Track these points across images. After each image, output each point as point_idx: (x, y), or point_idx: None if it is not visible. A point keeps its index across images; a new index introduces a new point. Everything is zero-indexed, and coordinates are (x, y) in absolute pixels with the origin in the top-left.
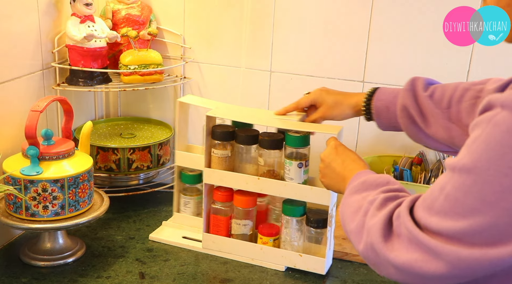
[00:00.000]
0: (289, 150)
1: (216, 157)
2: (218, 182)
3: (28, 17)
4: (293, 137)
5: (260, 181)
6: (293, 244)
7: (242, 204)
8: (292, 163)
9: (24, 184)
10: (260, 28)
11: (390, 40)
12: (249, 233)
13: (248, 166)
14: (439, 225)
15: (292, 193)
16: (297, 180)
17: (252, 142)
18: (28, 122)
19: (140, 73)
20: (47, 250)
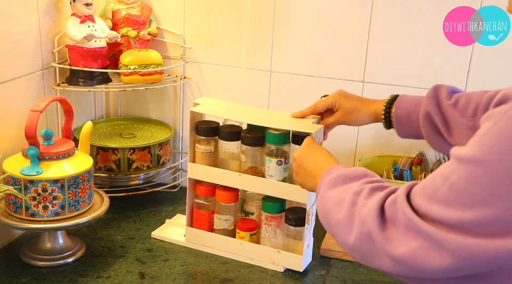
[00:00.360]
0: (269, 147)
1: (199, 152)
2: (201, 177)
3: (28, 17)
4: (272, 134)
5: (241, 177)
6: (271, 240)
7: (224, 199)
8: (272, 160)
9: (24, 184)
10: (260, 28)
11: (390, 40)
12: (230, 228)
13: (232, 162)
14: (441, 213)
15: (272, 190)
16: (277, 177)
17: (235, 138)
18: (28, 122)
19: (140, 73)
20: (47, 250)
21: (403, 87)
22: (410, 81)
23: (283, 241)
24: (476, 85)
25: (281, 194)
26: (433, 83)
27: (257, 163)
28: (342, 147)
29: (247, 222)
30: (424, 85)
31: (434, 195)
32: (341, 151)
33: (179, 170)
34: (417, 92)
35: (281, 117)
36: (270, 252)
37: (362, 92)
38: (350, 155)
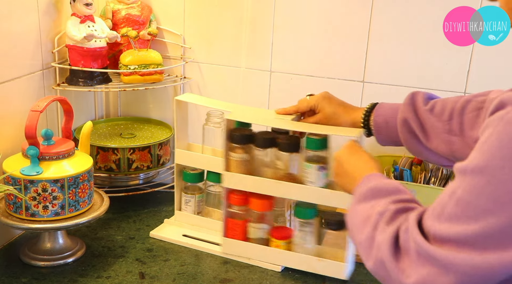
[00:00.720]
0: (308, 153)
1: (233, 160)
2: (238, 186)
3: (28, 17)
4: (312, 140)
5: (281, 185)
6: (305, 247)
7: (258, 207)
8: (312, 166)
9: (24, 184)
10: (260, 28)
11: (390, 40)
12: (265, 236)
13: (266, 169)
14: (450, 230)
15: (314, 196)
16: (318, 184)
17: (271, 144)
18: (28, 122)
19: (140, 73)
20: (47, 250)
21: (403, 87)
22: (410, 81)
23: (319, 248)
24: (476, 85)
25: (324, 201)
26: (433, 83)
27: (293, 169)
28: None
29: (281, 230)
30: (424, 85)
31: (443, 213)
32: None
33: None
34: None
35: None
36: (310, 260)
37: (362, 92)
38: None
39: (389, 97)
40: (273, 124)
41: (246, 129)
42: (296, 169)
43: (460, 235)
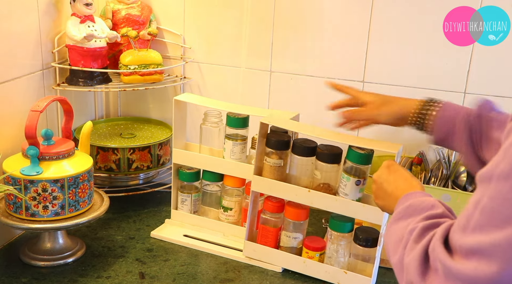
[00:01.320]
0: (348, 165)
1: (268, 165)
2: (266, 191)
3: (28, 17)
4: (356, 153)
5: (311, 194)
6: (339, 260)
7: (295, 216)
8: (350, 178)
9: (24, 184)
10: (260, 28)
11: (390, 40)
12: (298, 246)
13: (303, 178)
14: (475, 241)
15: (344, 208)
16: (352, 197)
17: (310, 153)
18: (28, 122)
19: (140, 73)
20: (47, 250)
21: (403, 87)
22: (410, 81)
23: (349, 261)
24: (476, 85)
25: (353, 214)
26: (433, 83)
27: (330, 180)
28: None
29: (315, 240)
30: (424, 85)
31: (468, 224)
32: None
33: None
34: (417, 92)
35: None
36: (336, 272)
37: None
38: None
39: None
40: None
41: (285, 134)
42: (333, 180)
43: (486, 246)
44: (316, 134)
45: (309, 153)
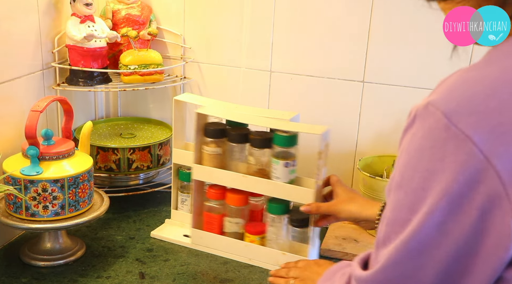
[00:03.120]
0: (276, 149)
1: (207, 154)
2: (206, 179)
3: (28, 17)
4: (281, 136)
5: (247, 179)
6: (278, 242)
7: (234, 202)
8: (279, 162)
9: (24, 184)
10: (260, 28)
11: (390, 40)
12: (240, 231)
13: (240, 164)
14: (386, 253)
15: (277, 191)
16: (283, 179)
17: (244, 140)
18: (28, 122)
19: (140, 73)
20: (47, 250)
21: (403, 87)
22: (410, 81)
23: (289, 243)
24: None
25: (287, 196)
26: (433, 83)
27: (264, 165)
28: (342, 147)
29: (256, 225)
30: (424, 86)
31: (379, 240)
32: (341, 151)
33: None
34: (417, 93)
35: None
36: (275, 254)
37: (362, 92)
38: (350, 155)
39: (389, 97)
40: (263, 124)
41: (220, 123)
42: (267, 164)
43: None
44: (247, 121)
45: (243, 140)
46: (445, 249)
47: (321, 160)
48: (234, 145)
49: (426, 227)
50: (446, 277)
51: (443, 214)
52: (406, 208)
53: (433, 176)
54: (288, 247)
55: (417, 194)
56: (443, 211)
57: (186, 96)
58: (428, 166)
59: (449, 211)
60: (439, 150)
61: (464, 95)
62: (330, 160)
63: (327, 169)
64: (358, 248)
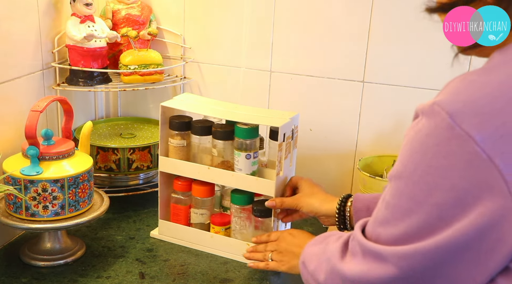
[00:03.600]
0: (237, 141)
1: (172, 146)
2: (172, 170)
3: (28, 17)
4: (241, 129)
5: (211, 171)
6: (242, 232)
7: (200, 193)
8: (241, 154)
9: (24, 184)
10: (260, 28)
11: (390, 39)
12: (206, 222)
13: (204, 156)
14: (385, 233)
15: (239, 183)
16: (245, 171)
17: (207, 132)
18: (28, 122)
19: (140, 73)
20: (47, 250)
21: (404, 87)
22: (410, 81)
23: (253, 233)
24: None
25: (249, 187)
26: (433, 83)
27: (227, 157)
28: (342, 147)
29: (221, 216)
30: (424, 86)
31: (377, 218)
32: (341, 151)
33: None
34: (418, 93)
35: (256, 113)
36: (239, 244)
37: (362, 92)
38: (350, 155)
39: (389, 97)
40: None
41: (185, 116)
42: (230, 156)
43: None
44: (208, 113)
45: (206, 132)
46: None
47: (280, 151)
48: (198, 137)
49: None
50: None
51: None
52: (406, 197)
53: (437, 171)
54: (251, 237)
55: (420, 186)
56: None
57: (184, 96)
58: (432, 163)
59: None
60: (443, 148)
61: (470, 97)
62: (330, 160)
63: (330, 168)
64: None
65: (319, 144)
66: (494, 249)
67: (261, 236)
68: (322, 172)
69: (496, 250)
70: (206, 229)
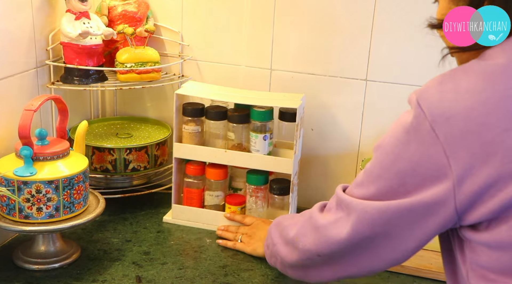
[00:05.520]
0: (254, 123)
1: (187, 132)
2: (187, 156)
3: (21, 13)
4: (258, 112)
5: (228, 154)
6: (258, 210)
7: (215, 176)
8: (258, 135)
9: (17, 185)
10: (260, 25)
11: (394, 37)
12: (221, 203)
13: (218, 141)
14: (357, 193)
15: (258, 163)
16: (263, 152)
17: (221, 118)
18: (21, 122)
19: (136, 72)
20: (41, 253)
21: (408, 86)
22: (414, 80)
23: (268, 211)
24: None
25: (268, 167)
26: None
27: (242, 140)
28: (345, 147)
29: (235, 197)
30: None
31: (356, 181)
32: (344, 151)
33: None
34: None
35: (265, 96)
36: None
37: (365, 91)
38: (353, 155)
39: (393, 96)
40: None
41: (198, 103)
42: (245, 139)
43: (364, 195)
44: (227, 99)
45: (221, 117)
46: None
47: (297, 131)
48: (212, 122)
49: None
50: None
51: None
52: (378, 165)
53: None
54: (267, 215)
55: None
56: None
57: (190, 85)
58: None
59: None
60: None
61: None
62: (333, 160)
63: (332, 169)
64: None
65: (321, 144)
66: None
67: (235, 216)
68: (324, 172)
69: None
70: (220, 210)
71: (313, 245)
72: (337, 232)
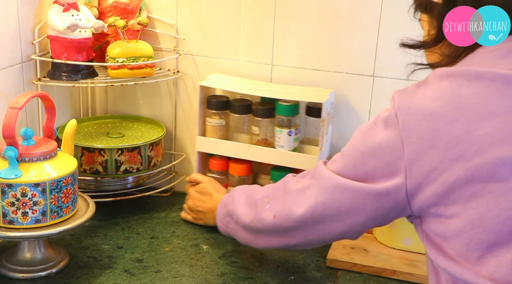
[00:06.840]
0: (279, 118)
1: (211, 126)
2: (210, 150)
3: (5, 5)
4: (283, 106)
5: (251, 149)
6: None
7: (239, 172)
8: (283, 130)
9: (1, 188)
10: (260, 17)
11: (402, 30)
12: None
13: (242, 136)
14: (332, 168)
15: (282, 159)
16: (287, 147)
17: (246, 111)
18: (5, 121)
19: (129, 67)
20: (27, 261)
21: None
22: (422, 77)
23: None
24: None
25: (291, 163)
26: None
27: (267, 135)
28: None
29: None
30: None
31: (334, 157)
32: None
33: (172, 173)
34: None
35: (292, 90)
36: None
37: (372, 87)
38: None
39: None
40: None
41: (223, 96)
42: (270, 134)
43: (335, 170)
44: (251, 92)
45: (246, 111)
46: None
47: (323, 127)
48: (236, 116)
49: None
50: None
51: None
52: (351, 144)
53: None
54: None
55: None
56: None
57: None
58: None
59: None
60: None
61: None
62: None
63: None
64: (367, 258)
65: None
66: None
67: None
68: None
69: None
70: None
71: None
72: (299, 205)
